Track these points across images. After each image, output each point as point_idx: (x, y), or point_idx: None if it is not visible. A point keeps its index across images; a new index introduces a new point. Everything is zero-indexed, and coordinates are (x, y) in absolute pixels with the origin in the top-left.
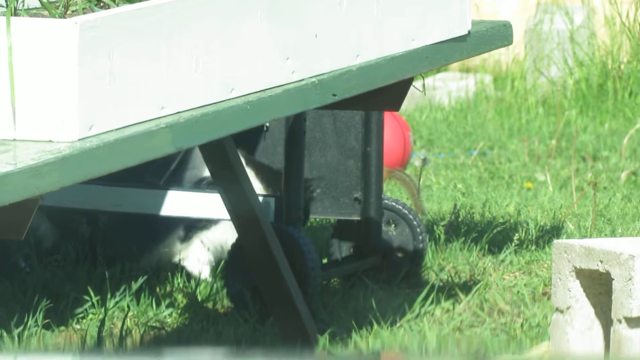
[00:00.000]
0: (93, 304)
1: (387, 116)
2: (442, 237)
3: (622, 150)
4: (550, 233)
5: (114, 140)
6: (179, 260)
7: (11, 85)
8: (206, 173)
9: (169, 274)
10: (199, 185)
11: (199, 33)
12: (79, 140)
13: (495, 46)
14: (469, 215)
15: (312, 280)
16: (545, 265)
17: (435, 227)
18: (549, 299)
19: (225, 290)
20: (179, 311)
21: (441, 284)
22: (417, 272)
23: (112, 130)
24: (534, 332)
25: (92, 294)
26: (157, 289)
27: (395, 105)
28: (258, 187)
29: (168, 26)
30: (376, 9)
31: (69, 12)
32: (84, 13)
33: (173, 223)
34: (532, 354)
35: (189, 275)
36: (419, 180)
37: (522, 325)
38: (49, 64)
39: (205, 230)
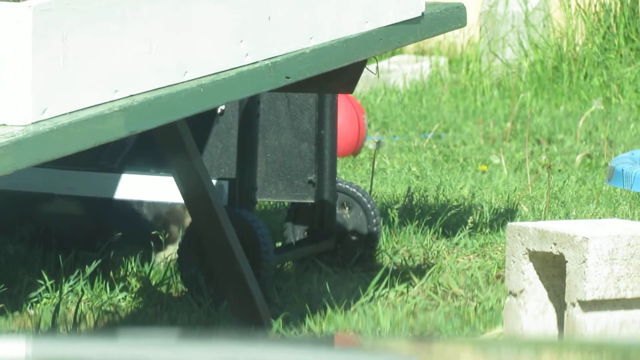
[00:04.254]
0: (47, 288)
1: (342, 99)
2: (396, 220)
3: (577, 133)
4: (505, 216)
5: (67, 124)
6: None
7: None
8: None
9: (123, 258)
10: (152, 168)
11: (152, 16)
12: (32, 123)
13: (449, 28)
14: (423, 199)
15: (266, 263)
16: (500, 248)
17: (389, 210)
18: (502, 282)
19: (179, 275)
20: (132, 295)
21: (395, 267)
22: (371, 255)
23: (65, 114)
24: (488, 316)
25: (46, 278)
26: (111, 273)
27: (349, 87)
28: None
29: (121, 9)
30: None
31: None
32: None
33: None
34: (485, 338)
35: (143, 260)
36: (373, 163)
37: (475, 309)
38: (2, 48)
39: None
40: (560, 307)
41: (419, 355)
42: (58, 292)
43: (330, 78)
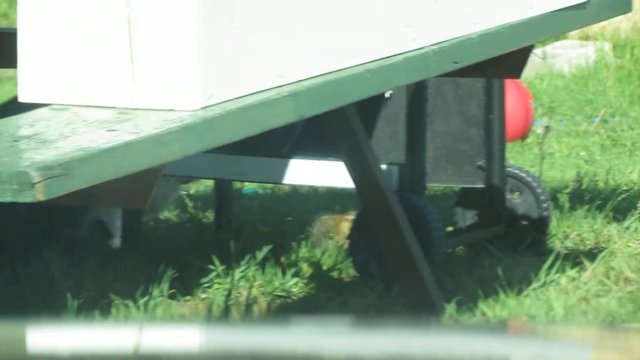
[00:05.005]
0: (219, 274)
1: (509, 84)
2: (567, 204)
3: None
4: None
5: (235, 109)
6: None
7: (131, 54)
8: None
9: (293, 243)
10: (321, 153)
11: (319, 1)
12: (201, 109)
13: (614, 14)
14: (592, 183)
15: (437, 248)
16: None
17: (558, 195)
18: None
19: (350, 260)
20: (304, 281)
21: (566, 251)
22: (541, 240)
23: (233, 99)
24: None
25: (217, 263)
26: (282, 259)
27: (516, 72)
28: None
29: None
30: None
31: None
32: None
33: None
34: None
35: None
36: (542, 147)
37: None
38: (170, 33)
39: None
40: None
41: (593, 342)
42: (229, 277)
43: (497, 63)
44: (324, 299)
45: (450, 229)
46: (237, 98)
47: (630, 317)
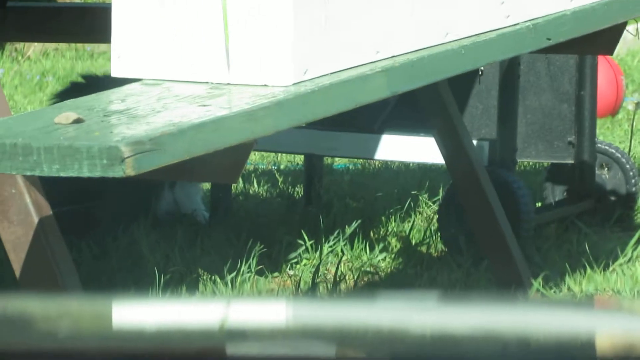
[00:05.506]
0: (307, 249)
1: (600, 60)
2: None
3: None
4: None
5: (328, 85)
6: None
7: (225, 29)
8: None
9: (383, 217)
10: (413, 129)
11: None
12: (293, 84)
13: None
14: None
15: (526, 223)
16: None
17: None
18: None
19: (439, 235)
20: (392, 256)
21: None
22: (630, 215)
23: (326, 75)
24: None
25: (306, 238)
26: (371, 234)
27: (609, 49)
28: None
29: None
30: None
31: None
32: None
33: None
34: None
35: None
36: (632, 124)
37: None
38: (263, 7)
39: None
40: None
41: None
42: (318, 252)
43: (590, 39)
44: (412, 274)
45: (539, 204)
46: (331, 74)
47: None
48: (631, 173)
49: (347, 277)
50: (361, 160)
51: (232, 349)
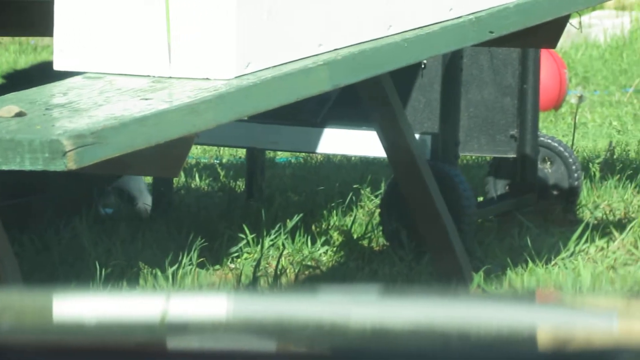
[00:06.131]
0: (248, 243)
1: (544, 53)
2: (597, 174)
3: None
4: None
5: (270, 78)
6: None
7: (167, 22)
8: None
9: (324, 211)
10: (355, 122)
11: None
12: (235, 77)
13: None
14: (624, 153)
15: (468, 218)
16: None
17: (590, 164)
18: None
19: (380, 229)
20: (334, 249)
21: (596, 221)
22: (572, 210)
23: (269, 68)
24: None
25: (247, 232)
26: (313, 227)
27: (552, 42)
28: None
29: None
30: None
31: None
32: None
33: None
34: None
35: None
36: (575, 117)
37: None
38: (207, 1)
39: None
40: None
41: (620, 311)
42: (259, 246)
43: (533, 33)
44: (353, 268)
45: (481, 198)
46: (274, 67)
47: None
48: (574, 167)
49: (288, 271)
50: (303, 153)
51: (173, 343)
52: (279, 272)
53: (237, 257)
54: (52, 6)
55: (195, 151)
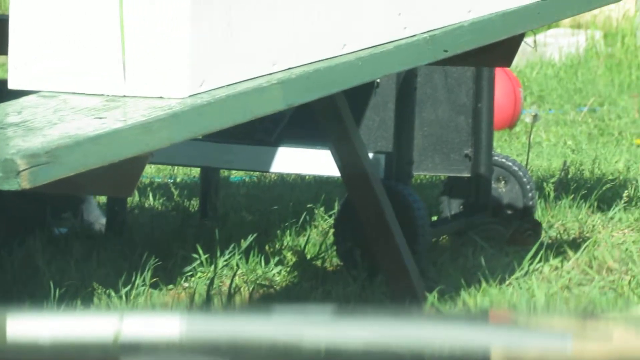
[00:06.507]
0: (202, 263)
1: (498, 72)
2: (552, 194)
3: None
4: None
5: (225, 97)
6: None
7: (122, 41)
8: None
9: (278, 231)
10: (309, 141)
11: None
12: (189, 96)
13: (606, 2)
14: (578, 172)
15: (421, 237)
16: None
17: (544, 184)
18: None
19: (334, 248)
20: (287, 269)
21: (550, 241)
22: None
23: (223, 87)
24: None
25: (200, 252)
26: (267, 247)
27: (507, 61)
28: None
29: None
30: None
31: None
32: None
33: None
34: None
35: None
36: (530, 136)
37: (630, 283)
38: (161, 19)
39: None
40: None
41: (573, 331)
42: (213, 266)
43: (488, 51)
44: (307, 287)
45: (435, 218)
46: (228, 85)
47: (611, 306)
48: (528, 186)
49: (242, 290)
50: (257, 173)
51: None
52: (232, 292)
53: (191, 276)
54: (7, 24)
55: (149, 170)
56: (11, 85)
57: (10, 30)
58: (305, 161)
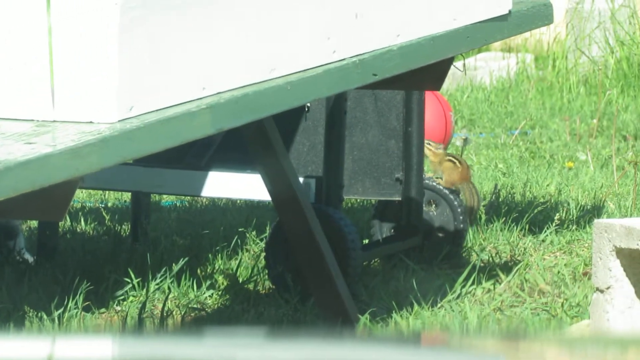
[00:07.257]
0: (134, 286)
1: (429, 96)
2: (483, 217)
3: None
4: (591, 213)
5: (154, 121)
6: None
7: (51, 67)
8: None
9: (210, 255)
10: (239, 166)
11: (239, 14)
12: (119, 121)
13: (536, 25)
14: (509, 195)
15: (353, 261)
16: (586, 245)
17: None
18: (589, 278)
19: (266, 272)
20: (219, 292)
21: (482, 264)
22: (458, 252)
23: (153, 112)
24: (575, 312)
25: (132, 276)
26: (198, 271)
27: (436, 84)
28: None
29: (211, 7)
30: None
31: None
32: None
33: None
34: (572, 332)
35: (228, 257)
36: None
37: (562, 305)
38: (89, 45)
39: None
40: None
41: (506, 353)
42: (145, 290)
43: (417, 75)
44: (239, 310)
45: (366, 241)
46: (158, 110)
47: (544, 328)
48: (459, 210)
49: (174, 314)
50: (188, 197)
51: None
52: (164, 315)
53: (123, 300)
54: None
55: (81, 195)
56: None
57: None
58: (236, 185)
